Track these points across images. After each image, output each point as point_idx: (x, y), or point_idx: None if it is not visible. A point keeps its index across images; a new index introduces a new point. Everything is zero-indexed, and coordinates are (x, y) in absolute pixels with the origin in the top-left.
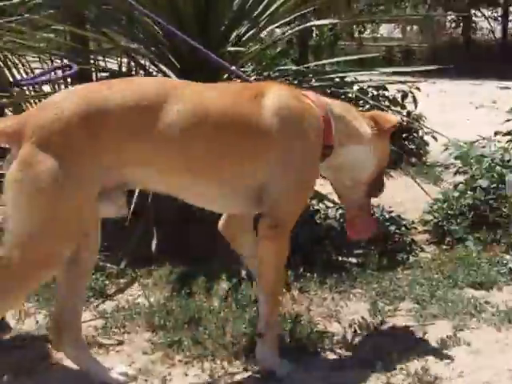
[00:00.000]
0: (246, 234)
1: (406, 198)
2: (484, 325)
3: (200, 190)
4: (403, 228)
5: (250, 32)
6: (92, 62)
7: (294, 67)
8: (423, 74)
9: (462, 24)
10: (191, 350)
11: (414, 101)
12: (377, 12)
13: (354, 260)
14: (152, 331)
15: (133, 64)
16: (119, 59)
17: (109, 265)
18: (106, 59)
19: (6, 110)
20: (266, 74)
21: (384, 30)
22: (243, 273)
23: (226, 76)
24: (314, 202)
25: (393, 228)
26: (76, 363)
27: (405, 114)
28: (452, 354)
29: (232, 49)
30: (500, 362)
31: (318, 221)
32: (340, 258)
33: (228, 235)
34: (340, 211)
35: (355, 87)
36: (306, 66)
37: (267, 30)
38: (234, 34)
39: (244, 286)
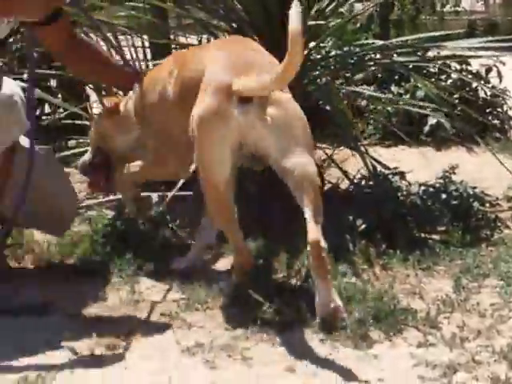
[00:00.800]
0: None
1: (489, 174)
2: None
3: None
4: (487, 204)
5: (331, 5)
6: (172, 38)
7: (379, 42)
8: (508, 48)
9: None
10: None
11: (499, 75)
12: None
13: (436, 237)
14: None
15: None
16: (199, 35)
17: None
18: (187, 35)
19: None
20: (346, 48)
21: (466, 3)
22: None
23: None
24: (396, 178)
25: (476, 204)
26: None
27: (489, 88)
28: None
29: (312, 22)
30: None
31: (401, 198)
32: (423, 235)
33: None
34: (423, 188)
35: (438, 62)
36: (389, 41)
37: (347, 3)
38: (315, 8)
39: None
